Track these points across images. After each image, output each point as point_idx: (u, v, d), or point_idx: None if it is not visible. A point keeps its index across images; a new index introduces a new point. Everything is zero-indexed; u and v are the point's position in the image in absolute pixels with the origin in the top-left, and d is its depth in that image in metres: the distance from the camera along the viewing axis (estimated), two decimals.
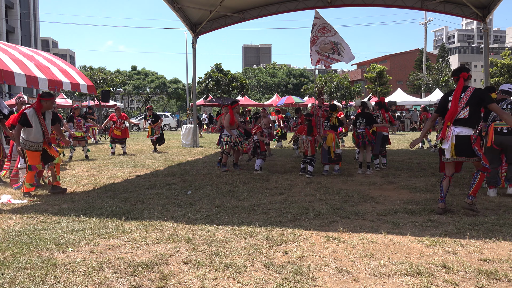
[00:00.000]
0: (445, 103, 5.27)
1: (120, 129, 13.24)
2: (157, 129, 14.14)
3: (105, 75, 35.00)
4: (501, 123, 6.09)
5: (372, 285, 3.09)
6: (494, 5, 13.67)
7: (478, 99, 5.04)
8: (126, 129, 13.62)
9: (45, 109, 6.77)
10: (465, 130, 5.04)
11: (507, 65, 32.61)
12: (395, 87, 41.30)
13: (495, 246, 3.91)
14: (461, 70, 5.26)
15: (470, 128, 5.06)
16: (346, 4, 15.11)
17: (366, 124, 8.67)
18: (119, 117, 13.30)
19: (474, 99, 5.04)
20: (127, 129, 13.70)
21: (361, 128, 8.74)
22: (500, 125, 6.12)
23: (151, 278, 3.25)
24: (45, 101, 6.70)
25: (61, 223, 4.83)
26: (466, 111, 5.03)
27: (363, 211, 5.34)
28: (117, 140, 13.31)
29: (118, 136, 13.26)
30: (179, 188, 7.09)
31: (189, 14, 15.63)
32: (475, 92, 5.07)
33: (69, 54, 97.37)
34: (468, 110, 5.03)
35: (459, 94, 5.12)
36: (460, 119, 5.06)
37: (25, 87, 8.90)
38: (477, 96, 5.05)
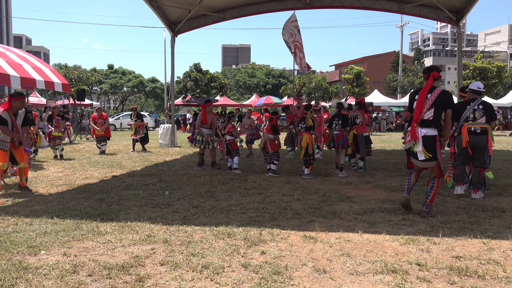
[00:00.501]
0: (413, 101, 5.26)
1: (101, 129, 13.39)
2: (141, 129, 14.24)
3: (81, 73, 34.27)
4: (474, 123, 6.12)
5: (348, 284, 3.13)
6: (467, 10, 14.07)
7: (443, 102, 5.02)
8: (108, 129, 13.77)
9: (16, 109, 6.64)
10: (431, 131, 5.01)
11: (479, 68, 33.59)
12: (372, 88, 41.98)
13: (466, 244, 4.02)
14: (433, 69, 5.19)
15: (435, 129, 5.03)
16: (324, 5, 15.27)
17: (342, 126, 8.59)
18: (100, 117, 13.46)
19: (440, 101, 5.00)
20: (109, 129, 13.83)
21: (336, 130, 8.65)
22: (473, 125, 6.12)
23: (127, 280, 3.20)
24: (15, 101, 6.58)
25: (33, 225, 4.70)
26: (431, 112, 5.00)
27: (340, 211, 5.41)
28: (99, 139, 13.51)
29: (100, 135, 13.44)
30: (156, 189, 7.01)
31: (168, 12, 15.47)
32: (442, 94, 5.03)
33: (43, 52, 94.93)
34: (433, 111, 5.00)
35: (425, 93, 5.07)
36: (425, 120, 5.03)
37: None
38: (443, 98, 5.02)
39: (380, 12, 16.12)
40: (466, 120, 6.22)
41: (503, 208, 5.44)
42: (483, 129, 6.10)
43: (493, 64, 34.42)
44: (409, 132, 5.16)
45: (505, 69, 35.08)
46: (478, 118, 6.16)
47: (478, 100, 6.28)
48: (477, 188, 6.11)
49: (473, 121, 6.15)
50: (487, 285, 3.09)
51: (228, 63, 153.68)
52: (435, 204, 5.74)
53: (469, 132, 6.13)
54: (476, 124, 6.12)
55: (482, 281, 3.15)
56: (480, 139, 6.10)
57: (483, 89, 6.45)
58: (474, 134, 6.12)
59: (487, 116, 6.16)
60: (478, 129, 6.11)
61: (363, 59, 66.98)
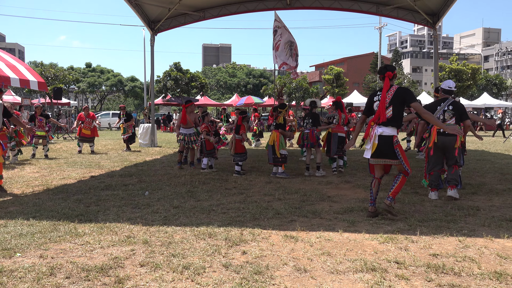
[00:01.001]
0: (371, 103, 5.15)
1: (89, 128, 13.36)
2: (129, 128, 14.21)
3: (58, 71, 33.51)
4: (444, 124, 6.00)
5: (329, 282, 3.17)
6: (443, 13, 14.41)
7: (401, 99, 4.90)
8: (95, 128, 13.70)
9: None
10: (388, 130, 4.89)
11: (455, 70, 34.44)
12: (351, 89, 42.51)
13: (443, 242, 4.12)
14: (386, 68, 5.03)
15: (394, 128, 4.92)
16: (304, 6, 15.38)
17: (312, 125, 8.45)
18: (87, 117, 13.40)
19: (398, 99, 4.88)
20: (95, 128, 13.75)
21: (307, 129, 8.51)
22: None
23: (105, 282, 3.15)
24: None
25: (8, 227, 4.57)
26: (390, 111, 4.88)
27: (320, 210, 5.45)
28: (86, 139, 13.41)
29: (87, 135, 13.36)
30: (136, 189, 6.91)
31: (147, 11, 15.30)
32: (398, 91, 4.90)
33: (18, 49, 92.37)
34: (392, 109, 4.88)
35: (385, 94, 4.95)
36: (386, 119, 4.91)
37: None
38: (400, 95, 4.90)
39: (359, 14, 16.42)
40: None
41: (478, 207, 5.59)
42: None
43: (468, 66, 35.37)
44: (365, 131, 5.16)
45: (479, 71, 36.09)
46: (447, 119, 6.11)
47: (449, 101, 6.20)
48: (453, 185, 6.09)
49: (443, 122, 6.07)
50: (463, 281, 3.17)
51: (209, 62, 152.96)
52: (413, 203, 5.86)
53: (438, 133, 6.09)
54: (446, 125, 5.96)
55: (458, 278, 3.23)
56: (449, 140, 6.05)
57: (454, 88, 6.31)
58: (443, 135, 6.05)
59: (456, 117, 6.11)
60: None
61: (343, 60, 67.76)
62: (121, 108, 15.08)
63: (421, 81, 78.33)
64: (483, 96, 35.56)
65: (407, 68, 77.15)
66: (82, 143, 13.44)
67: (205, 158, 9.11)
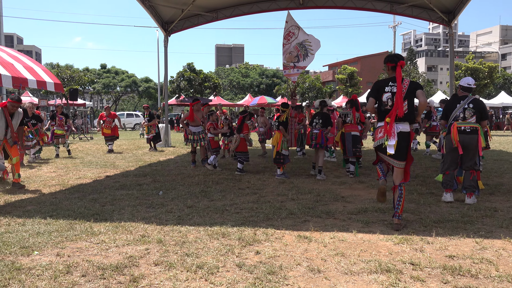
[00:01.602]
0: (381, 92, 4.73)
1: (109, 128, 13.58)
2: (153, 128, 14.41)
3: (73, 73, 34.04)
4: (464, 122, 5.85)
5: (343, 283, 3.15)
6: (459, 11, 14.18)
7: (414, 92, 4.62)
8: (116, 128, 13.95)
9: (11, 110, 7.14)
10: (406, 127, 4.64)
11: (471, 68, 33.91)
12: (365, 89, 42.17)
13: (459, 243, 4.06)
14: (398, 57, 4.72)
15: (409, 124, 4.67)
16: (318, 6, 15.30)
17: (322, 126, 8.22)
18: (108, 116, 13.63)
19: (412, 93, 4.61)
20: (116, 128, 14.01)
21: (316, 129, 8.29)
22: (463, 124, 5.85)
23: (120, 280, 3.19)
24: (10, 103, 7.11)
25: (26, 226, 4.66)
26: (405, 105, 4.60)
27: (334, 210, 5.42)
28: (107, 138, 13.67)
29: (107, 134, 13.61)
30: (150, 189, 6.98)
31: (161, 12, 15.42)
32: (411, 85, 4.63)
33: (35, 51, 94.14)
34: (407, 104, 4.60)
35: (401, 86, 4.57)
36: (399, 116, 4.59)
37: None
38: (414, 89, 4.62)
39: (372, 13, 16.28)
40: (456, 119, 5.93)
41: (496, 208, 5.49)
42: (473, 128, 5.82)
43: (485, 64, 34.76)
44: (380, 128, 4.73)
45: (496, 70, 35.45)
46: (468, 117, 5.87)
47: (469, 98, 5.98)
48: (471, 192, 5.80)
49: (463, 120, 5.88)
50: (480, 284, 3.12)
51: (222, 63, 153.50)
52: (428, 204, 5.78)
53: (459, 131, 5.84)
54: (466, 124, 5.84)
55: (475, 280, 3.18)
56: (470, 139, 5.78)
57: (474, 85, 6.10)
58: (464, 133, 5.82)
59: (477, 115, 5.88)
60: (468, 128, 5.82)
61: (356, 59, 67.22)
62: (144, 108, 15.30)
63: (436, 80, 77.28)
64: (501, 95, 34.88)
65: (422, 67, 76.20)
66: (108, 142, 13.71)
67: (212, 156, 9.36)
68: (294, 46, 11.00)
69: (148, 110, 14.86)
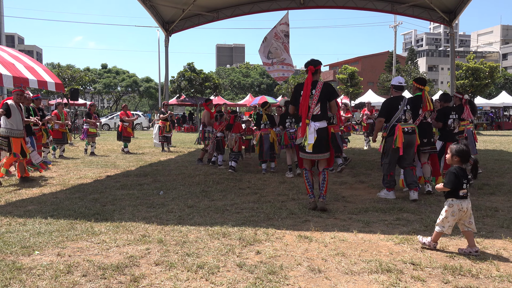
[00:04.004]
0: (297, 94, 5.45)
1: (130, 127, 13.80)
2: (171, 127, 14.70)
3: (74, 73, 34.05)
4: (406, 124, 6.03)
5: (343, 283, 3.14)
6: (460, 10, 14.17)
7: (327, 95, 5.34)
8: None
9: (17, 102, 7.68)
10: (323, 124, 5.33)
11: (472, 68, 33.83)
12: (366, 88, 42.12)
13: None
14: (309, 63, 5.39)
15: (325, 121, 5.37)
16: (318, 5, 15.30)
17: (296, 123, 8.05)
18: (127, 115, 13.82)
19: (325, 95, 5.32)
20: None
21: (292, 128, 8.43)
22: (406, 125, 6.03)
23: (121, 280, 3.19)
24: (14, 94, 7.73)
25: (27, 226, 4.67)
26: (318, 108, 5.30)
27: (334, 210, 5.42)
28: (127, 139, 13.67)
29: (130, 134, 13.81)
30: (150, 189, 6.98)
31: (162, 12, 15.43)
32: (324, 89, 5.32)
33: (36, 51, 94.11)
34: (320, 106, 5.30)
35: (309, 89, 5.28)
36: (315, 115, 5.32)
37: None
38: (326, 92, 5.33)
39: (373, 12, 16.26)
40: (399, 121, 6.07)
41: (496, 208, 5.49)
42: (413, 128, 6.08)
43: (486, 64, 34.69)
44: (299, 129, 5.41)
45: (497, 70, 35.35)
46: (408, 119, 6.10)
47: (405, 100, 6.17)
48: (415, 187, 5.99)
49: (405, 122, 6.06)
50: (480, 284, 3.11)
51: (222, 62, 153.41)
52: (429, 204, 5.78)
53: (403, 132, 6.01)
54: (408, 125, 6.06)
55: (476, 280, 3.18)
56: (412, 138, 6.04)
57: (404, 83, 6.29)
58: (407, 134, 6.02)
59: (413, 116, 6.20)
60: (410, 129, 6.05)
61: (357, 59, 67.19)
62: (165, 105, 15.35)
63: (437, 80, 77.19)
64: (502, 94, 34.85)
65: (422, 66, 76.14)
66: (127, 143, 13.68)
67: (220, 156, 9.59)
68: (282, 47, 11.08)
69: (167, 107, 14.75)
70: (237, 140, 8.99)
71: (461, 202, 3.74)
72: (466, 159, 3.81)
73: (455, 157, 3.80)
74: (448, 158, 3.90)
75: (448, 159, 3.89)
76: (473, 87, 31.83)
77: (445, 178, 3.77)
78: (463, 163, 3.80)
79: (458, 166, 3.78)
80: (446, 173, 3.82)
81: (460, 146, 3.81)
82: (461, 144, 3.86)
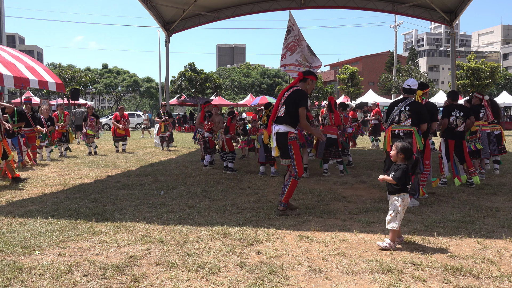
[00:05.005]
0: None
1: (123, 128, 13.96)
2: (169, 126, 14.80)
3: (75, 73, 34.08)
4: (399, 126, 5.60)
5: (344, 283, 3.14)
6: (460, 10, 14.17)
7: (294, 100, 5.15)
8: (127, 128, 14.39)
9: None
10: (283, 128, 5.16)
11: (473, 68, 33.81)
12: (366, 88, 42.11)
13: (461, 243, 4.05)
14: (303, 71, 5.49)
15: (288, 126, 5.16)
16: (319, 5, 15.31)
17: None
18: (122, 117, 14.01)
19: (292, 100, 5.16)
20: (128, 128, 14.43)
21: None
22: (397, 127, 5.60)
23: (122, 280, 3.19)
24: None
25: (28, 226, 4.67)
26: (283, 110, 5.18)
27: (335, 210, 5.42)
28: (120, 138, 13.99)
29: (121, 134, 13.95)
30: (151, 189, 6.98)
31: (162, 12, 15.44)
32: (291, 94, 5.20)
33: (37, 51, 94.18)
34: (285, 108, 5.16)
35: (283, 93, 5.31)
36: (278, 117, 5.23)
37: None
38: (292, 97, 5.17)
39: (374, 12, 16.26)
40: (392, 122, 5.70)
41: (497, 208, 5.48)
42: (406, 132, 5.53)
43: (487, 64, 34.67)
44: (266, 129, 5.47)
45: (498, 70, 35.35)
46: (402, 120, 5.58)
47: (407, 101, 5.66)
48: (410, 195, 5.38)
49: (398, 124, 5.62)
50: (481, 284, 3.11)
51: (223, 62, 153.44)
52: (430, 204, 5.77)
53: (392, 135, 5.61)
54: (401, 127, 5.56)
55: (477, 280, 3.17)
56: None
57: (415, 87, 5.75)
58: (397, 137, 5.52)
59: (413, 118, 5.54)
60: (402, 132, 5.55)
61: (358, 59, 67.18)
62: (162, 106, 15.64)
63: (438, 80, 77.15)
64: (503, 94, 34.77)
65: (423, 67, 76.10)
66: (118, 143, 13.99)
67: (207, 156, 9.61)
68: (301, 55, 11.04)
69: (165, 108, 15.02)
70: (223, 139, 8.97)
71: (408, 196, 4.02)
72: (409, 156, 4.06)
73: (400, 154, 4.07)
74: (393, 154, 4.12)
75: (393, 155, 4.11)
76: (474, 87, 31.83)
77: (396, 174, 3.96)
78: (407, 160, 4.04)
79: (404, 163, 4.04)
80: (396, 168, 4.01)
81: (404, 144, 4.08)
82: (405, 142, 4.14)
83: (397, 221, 3.92)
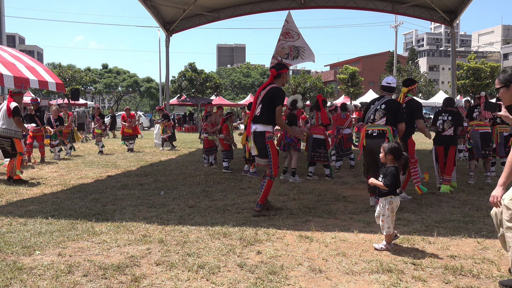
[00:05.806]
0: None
1: (130, 127, 14.28)
2: (168, 128, 14.96)
3: (75, 73, 34.07)
4: (373, 125, 5.41)
5: (344, 283, 3.14)
6: (461, 10, 14.16)
7: (269, 99, 5.05)
8: (137, 127, 14.80)
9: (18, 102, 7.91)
10: (260, 127, 5.09)
11: (473, 68, 33.81)
12: (366, 88, 42.12)
13: (461, 243, 4.05)
14: (273, 67, 5.26)
15: (266, 125, 5.08)
16: (319, 5, 15.30)
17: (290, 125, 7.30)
18: (129, 117, 14.34)
19: (268, 98, 5.05)
20: (137, 127, 14.83)
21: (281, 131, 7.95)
22: (371, 127, 5.41)
23: (122, 280, 3.19)
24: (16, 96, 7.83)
25: (28, 226, 4.67)
26: (259, 109, 5.10)
27: (335, 210, 5.42)
28: (127, 137, 14.27)
29: (129, 133, 14.28)
30: (151, 189, 6.98)
31: (163, 12, 15.44)
32: (268, 92, 5.08)
33: (37, 51, 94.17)
34: (261, 107, 5.08)
35: (259, 91, 5.20)
36: (256, 116, 5.15)
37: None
38: (269, 96, 5.06)
39: (374, 12, 16.25)
40: (367, 121, 5.52)
41: None
42: (380, 132, 5.32)
43: (487, 64, 34.67)
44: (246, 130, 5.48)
45: (498, 70, 35.33)
46: (377, 119, 5.38)
47: (383, 99, 5.48)
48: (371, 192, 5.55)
49: (372, 123, 5.43)
50: (481, 284, 3.11)
51: (223, 62, 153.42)
52: (430, 204, 5.77)
53: (366, 135, 5.43)
54: (374, 127, 5.37)
55: (477, 280, 3.17)
56: (376, 143, 5.13)
57: (394, 85, 5.57)
58: (370, 137, 5.37)
59: (388, 117, 5.32)
60: (375, 131, 5.34)
61: (358, 59, 67.14)
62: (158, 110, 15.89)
63: (438, 80, 77.10)
64: None
65: (423, 66, 76.04)
66: (127, 142, 14.21)
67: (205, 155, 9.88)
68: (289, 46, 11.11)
69: (162, 111, 15.24)
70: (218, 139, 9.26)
71: (397, 199, 3.97)
72: (398, 156, 3.97)
73: (389, 155, 4.00)
74: (381, 157, 4.05)
75: (382, 158, 4.05)
76: (474, 87, 31.83)
77: (386, 180, 3.87)
78: (396, 160, 3.97)
79: (393, 165, 3.97)
80: (386, 172, 3.93)
81: (392, 144, 4.02)
82: (392, 143, 4.05)
83: (390, 224, 3.89)
